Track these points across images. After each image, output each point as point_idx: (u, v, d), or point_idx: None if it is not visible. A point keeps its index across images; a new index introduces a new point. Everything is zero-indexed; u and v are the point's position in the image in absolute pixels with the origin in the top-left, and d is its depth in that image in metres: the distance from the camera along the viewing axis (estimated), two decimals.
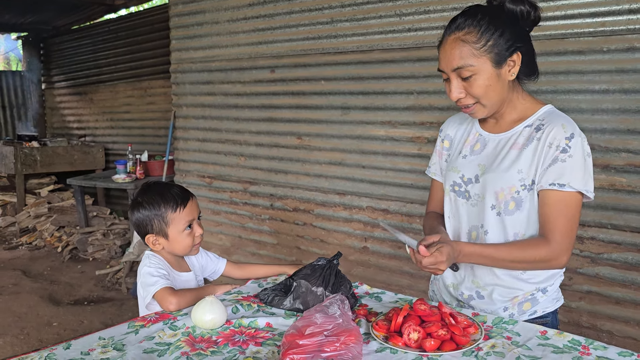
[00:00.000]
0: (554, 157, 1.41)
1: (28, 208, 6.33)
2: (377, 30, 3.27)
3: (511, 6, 1.44)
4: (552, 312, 1.57)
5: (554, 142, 1.42)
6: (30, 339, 3.67)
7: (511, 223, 1.49)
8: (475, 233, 1.56)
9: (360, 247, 3.51)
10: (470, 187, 1.56)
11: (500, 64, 1.42)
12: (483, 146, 1.57)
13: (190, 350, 1.30)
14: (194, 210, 1.72)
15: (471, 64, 1.40)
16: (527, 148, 1.46)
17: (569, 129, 1.43)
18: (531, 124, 1.49)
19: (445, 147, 1.71)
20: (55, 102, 8.27)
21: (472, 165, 1.56)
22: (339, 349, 1.22)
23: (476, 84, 1.42)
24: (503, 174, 1.47)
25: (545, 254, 1.41)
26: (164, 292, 1.57)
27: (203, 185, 4.42)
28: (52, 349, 1.30)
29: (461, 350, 1.27)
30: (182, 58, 4.48)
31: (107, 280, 4.79)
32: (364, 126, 3.42)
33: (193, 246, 1.72)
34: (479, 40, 1.40)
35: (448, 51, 1.43)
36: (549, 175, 1.41)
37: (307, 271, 1.59)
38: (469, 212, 1.57)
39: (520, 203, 1.47)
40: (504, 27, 1.41)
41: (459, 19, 1.44)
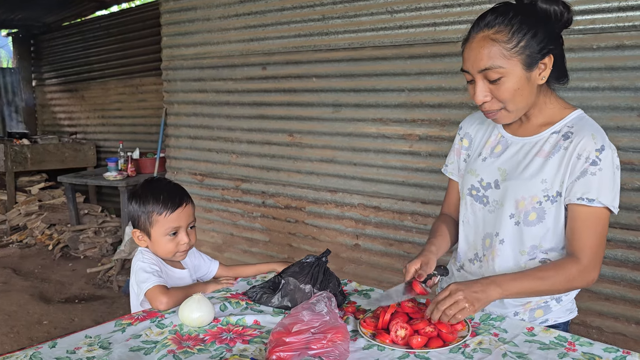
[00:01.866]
0: (583, 169, 1.34)
1: (18, 206, 6.29)
2: (368, 28, 3.27)
3: (544, 5, 1.35)
4: (564, 322, 1.51)
5: (583, 153, 1.34)
6: (20, 337, 3.65)
7: (529, 234, 1.42)
8: (489, 241, 1.49)
9: (352, 245, 3.51)
10: (489, 192, 1.48)
11: (532, 67, 1.33)
12: (504, 149, 1.48)
13: (177, 349, 1.29)
14: (183, 218, 1.65)
15: (500, 66, 1.31)
16: (554, 157, 1.38)
17: (599, 141, 1.35)
18: (559, 131, 1.40)
19: (465, 146, 1.62)
20: (46, 99, 8.21)
21: (491, 168, 1.48)
22: (326, 347, 1.22)
23: (504, 87, 1.33)
24: (526, 182, 1.39)
25: (577, 272, 1.34)
26: (155, 290, 1.55)
27: (194, 183, 4.41)
28: (38, 347, 1.29)
29: (448, 347, 1.27)
30: (173, 55, 4.45)
31: (99, 278, 4.76)
32: (355, 123, 3.41)
33: (175, 253, 1.67)
34: (511, 40, 1.30)
35: (476, 50, 1.33)
36: (577, 188, 1.34)
37: (296, 269, 1.59)
38: (485, 219, 1.50)
39: (542, 215, 1.40)
40: (537, 28, 1.31)
41: (489, 16, 1.33)
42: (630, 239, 2.53)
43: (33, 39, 8.35)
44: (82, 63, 7.28)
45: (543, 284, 1.34)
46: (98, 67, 6.98)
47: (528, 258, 1.44)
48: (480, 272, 1.51)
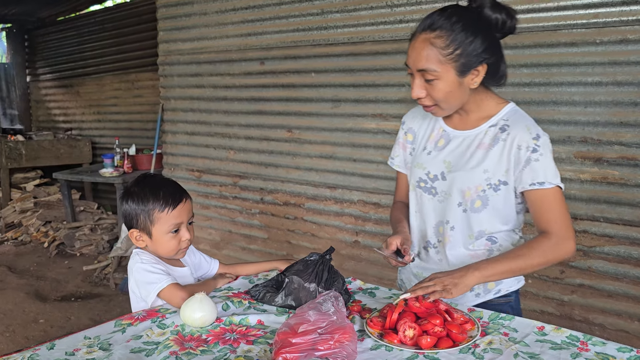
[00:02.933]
0: (527, 158, 1.46)
1: (13, 203, 6.22)
2: (368, 22, 3.23)
3: (489, 12, 1.42)
4: (515, 291, 1.63)
5: (522, 144, 1.46)
6: (16, 336, 3.60)
7: (476, 220, 1.54)
8: (442, 228, 1.60)
9: (352, 241, 3.48)
10: (437, 183, 1.58)
11: (464, 74, 1.43)
12: (447, 142, 1.59)
13: (180, 350, 1.26)
14: (184, 213, 1.60)
15: (435, 69, 1.41)
16: (494, 149, 1.50)
17: (534, 130, 1.47)
18: (495, 124, 1.52)
19: (409, 141, 1.72)
20: (40, 94, 8.13)
21: (437, 161, 1.59)
22: (333, 347, 1.19)
23: (437, 88, 1.44)
24: (470, 173, 1.51)
25: (549, 245, 1.44)
26: (172, 288, 1.51)
27: (192, 179, 4.37)
28: (36, 349, 1.25)
29: (458, 348, 1.24)
30: (169, 50, 4.40)
31: (95, 276, 4.72)
32: (354, 119, 3.38)
33: (178, 250, 1.62)
34: (448, 47, 1.39)
35: (417, 50, 1.43)
36: (527, 176, 1.46)
37: (300, 267, 1.56)
38: (436, 208, 1.60)
39: (486, 202, 1.51)
40: (475, 36, 1.40)
41: (434, 18, 1.42)
42: (634, 236, 2.51)
43: (27, 34, 8.25)
44: (77, 58, 7.20)
45: (520, 262, 1.43)
46: (93, 63, 6.90)
47: (476, 241, 1.56)
48: (437, 258, 1.63)
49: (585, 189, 2.61)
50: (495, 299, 1.60)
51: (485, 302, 1.60)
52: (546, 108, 2.67)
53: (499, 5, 1.44)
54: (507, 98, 2.80)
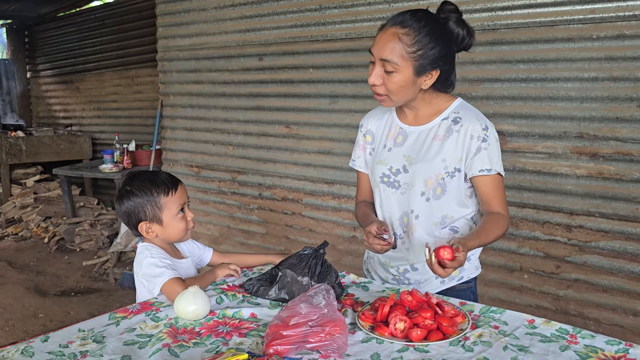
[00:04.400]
0: (477, 146, 1.60)
1: (14, 198, 6.24)
2: (366, 18, 3.23)
3: (453, 26, 1.57)
4: (474, 278, 1.77)
5: (474, 134, 1.60)
6: (15, 330, 3.63)
7: (438, 206, 1.66)
8: (407, 218, 1.70)
9: (349, 237, 3.49)
10: (399, 177, 1.69)
11: (420, 74, 1.56)
12: (405, 138, 1.70)
13: (172, 342, 1.27)
14: (183, 194, 1.71)
15: (396, 63, 1.53)
16: (449, 140, 1.63)
17: (483, 122, 1.62)
18: (447, 117, 1.65)
19: (368, 142, 1.82)
20: (40, 91, 8.14)
21: (397, 156, 1.70)
22: (324, 340, 1.20)
23: (393, 80, 1.55)
24: (430, 163, 1.63)
25: (506, 224, 1.63)
26: (171, 283, 1.53)
27: (191, 175, 4.38)
28: (30, 341, 1.27)
29: (448, 340, 1.25)
30: (169, 46, 4.41)
31: (95, 271, 4.74)
32: (352, 114, 3.38)
33: (187, 230, 1.71)
34: (413, 45, 1.52)
35: (384, 41, 1.54)
36: (477, 163, 1.60)
37: (293, 261, 1.57)
38: (400, 200, 1.70)
39: (444, 188, 1.64)
40: (437, 43, 1.53)
41: (407, 16, 1.54)
42: (629, 231, 2.52)
43: (27, 30, 8.26)
44: (77, 54, 7.21)
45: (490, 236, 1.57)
46: (93, 59, 6.91)
47: (440, 227, 1.68)
48: (404, 247, 1.71)
49: (581, 184, 2.61)
50: (459, 285, 1.73)
51: (449, 288, 1.71)
52: (542, 104, 2.67)
53: (462, 22, 1.58)
54: (504, 94, 2.81)
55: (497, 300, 2.82)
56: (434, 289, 1.68)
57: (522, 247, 2.80)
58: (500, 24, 2.74)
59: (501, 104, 2.77)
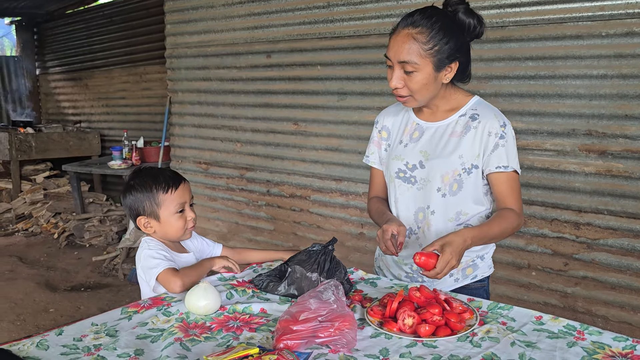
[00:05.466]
0: (495, 143, 1.61)
1: (24, 194, 6.30)
2: (374, 15, 3.23)
3: (463, 17, 1.59)
4: (487, 277, 1.78)
5: (492, 130, 1.62)
6: (26, 325, 3.67)
7: (454, 202, 1.66)
8: (422, 214, 1.71)
9: (357, 233, 3.51)
10: (416, 172, 1.70)
11: (440, 69, 1.57)
12: (421, 134, 1.71)
13: (184, 336, 1.29)
14: (185, 194, 1.70)
15: (416, 62, 1.54)
16: (466, 136, 1.64)
17: (501, 118, 1.64)
18: (465, 114, 1.67)
19: (384, 138, 1.83)
20: (49, 87, 8.20)
21: (414, 152, 1.71)
22: (333, 335, 1.21)
23: (415, 79, 1.56)
24: (447, 159, 1.64)
25: (517, 220, 1.63)
26: (166, 273, 1.56)
27: (199, 172, 4.40)
28: (44, 335, 1.29)
29: (456, 336, 1.26)
30: (177, 43, 4.43)
31: (104, 267, 4.78)
32: (360, 112, 3.39)
33: (185, 230, 1.70)
34: (428, 42, 1.53)
35: (399, 43, 1.55)
36: (494, 160, 1.62)
37: (302, 257, 1.58)
38: (415, 196, 1.71)
39: (461, 184, 1.65)
40: (451, 36, 1.55)
41: (416, 16, 1.55)
42: (638, 228, 2.51)
43: (36, 27, 8.32)
44: (85, 51, 7.25)
45: (494, 228, 1.58)
46: (102, 56, 6.95)
47: (455, 223, 1.68)
48: (418, 243, 1.72)
49: (590, 181, 2.61)
50: (472, 284, 1.73)
51: (463, 286, 1.72)
52: (551, 101, 2.67)
53: (471, 12, 1.61)
54: (512, 91, 2.81)
55: (504, 297, 2.83)
56: (448, 287, 1.68)
57: (530, 245, 2.80)
58: (508, 21, 2.74)
59: (509, 102, 2.77)
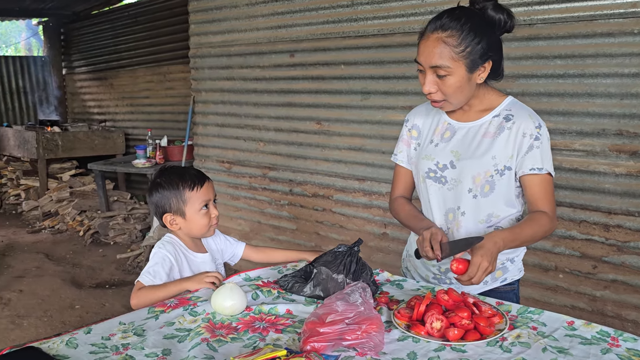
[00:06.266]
0: (530, 144, 1.58)
1: (50, 192, 6.42)
2: (398, 13, 3.21)
3: (492, 13, 1.55)
4: (517, 280, 1.75)
5: (527, 131, 1.59)
6: (53, 321, 3.73)
7: (485, 205, 1.64)
8: (452, 215, 1.68)
9: (380, 233, 3.48)
10: (446, 172, 1.67)
11: (473, 70, 1.55)
12: (453, 134, 1.69)
13: (211, 337, 1.29)
14: (210, 191, 1.75)
15: (448, 65, 1.51)
16: (500, 137, 1.61)
17: (536, 119, 1.61)
18: (499, 114, 1.64)
19: (414, 137, 1.80)
20: (75, 87, 8.33)
21: (445, 152, 1.68)
22: (360, 338, 1.20)
23: (448, 83, 1.54)
24: (479, 160, 1.61)
25: (550, 224, 1.59)
26: (138, 284, 1.64)
27: (222, 171, 4.43)
28: (74, 333, 1.30)
29: (485, 340, 1.24)
30: (201, 42, 4.46)
31: (128, 264, 4.84)
32: (384, 111, 3.37)
33: (209, 226, 1.75)
34: (459, 45, 1.50)
35: (429, 48, 1.53)
36: (528, 161, 1.59)
37: (328, 258, 1.57)
38: (445, 196, 1.68)
39: (493, 186, 1.62)
40: (482, 36, 1.52)
41: (445, 19, 1.52)
42: None
43: (63, 28, 8.46)
44: (111, 51, 7.35)
45: (525, 230, 1.55)
46: (127, 55, 7.04)
47: (486, 225, 1.65)
48: None
49: (620, 182, 2.55)
50: (502, 287, 1.71)
51: (492, 289, 1.69)
52: (580, 100, 2.62)
53: (500, 7, 1.57)
54: (540, 90, 2.76)
55: (530, 299, 2.78)
56: (476, 290, 1.65)
57: (557, 246, 2.75)
58: (536, 19, 2.69)
59: (537, 101, 2.72)
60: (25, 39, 13.10)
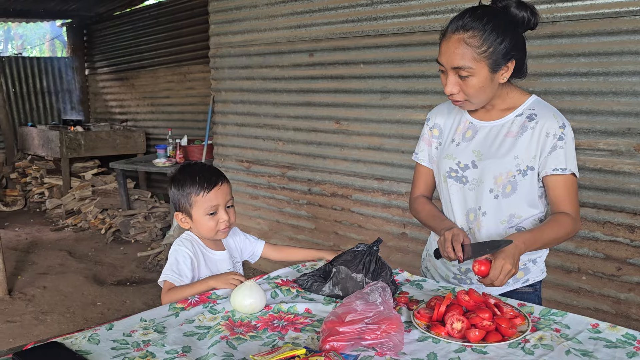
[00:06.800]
0: (553, 145, 1.55)
1: (73, 191, 6.52)
2: (418, 12, 3.19)
3: (516, 11, 1.52)
4: (540, 281, 1.73)
5: (550, 131, 1.56)
6: (75, 317, 3.79)
7: (507, 205, 1.61)
8: (473, 215, 1.66)
9: (399, 233, 3.47)
10: (467, 172, 1.65)
11: (496, 70, 1.52)
12: (474, 133, 1.66)
13: (230, 335, 1.30)
14: (220, 196, 1.69)
15: (470, 66, 1.49)
16: (522, 136, 1.58)
17: (560, 119, 1.58)
18: (521, 114, 1.61)
19: (435, 136, 1.78)
20: (98, 87, 8.45)
21: (466, 151, 1.66)
22: (380, 337, 1.19)
23: (471, 83, 1.52)
24: (501, 160, 1.59)
25: (573, 225, 1.57)
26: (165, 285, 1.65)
27: (241, 170, 4.45)
28: (96, 329, 1.32)
29: (507, 342, 1.22)
30: (220, 43, 4.48)
31: (149, 262, 4.89)
32: (403, 110, 3.35)
33: (217, 231, 1.71)
34: (481, 45, 1.48)
35: (451, 49, 1.50)
36: (551, 161, 1.56)
37: (347, 257, 1.57)
38: (466, 196, 1.66)
39: (515, 186, 1.59)
40: (505, 35, 1.49)
41: (466, 19, 1.50)
42: None
43: (86, 29, 8.59)
44: (132, 52, 7.44)
45: (547, 233, 1.53)
46: (148, 56, 7.12)
47: (507, 226, 1.63)
48: None
49: None
50: (523, 288, 1.68)
51: (513, 290, 1.67)
52: (605, 99, 2.57)
53: (523, 4, 1.53)
54: (563, 89, 2.72)
55: (553, 301, 2.74)
56: (497, 291, 1.63)
57: (580, 248, 2.71)
58: (560, 16, 2.65)
59: (560, 99, 2.68)
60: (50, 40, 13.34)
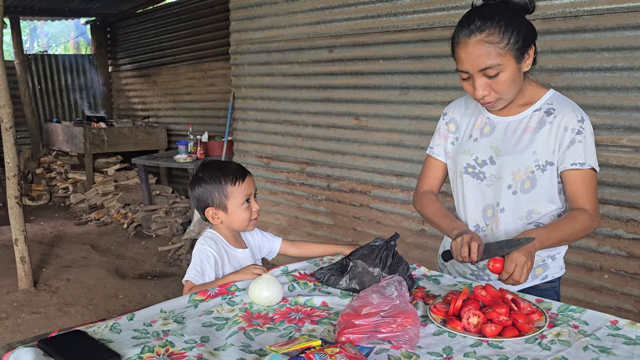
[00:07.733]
0: (571, 139, 1.54)
1: (96, 186, 6.64)
2: (438, 7, 3.17)
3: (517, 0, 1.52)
4: (558, 278, 1.71)
5: (569, 125, 1.54)
6: (98, 309, 3.86)
7: (525, 200, 1.60)
8: (491, 211, 1.65)
9: (418, 230, 3.46)
10: (485, 168, 1.64)
11: (520, 60, 1.51)
12: (492, 129, 1.65)
13: (247, 326, 1.31)
14: (251, 186, 1.75)
15: (498, 63, 1.48)
16: (541, 131, 1.57)
17: (579, 113, 1.56)
18: (539, 108, 1.60)
19: (451, 130, 1.77)
20: (120, 84, 8.57)
21: (484, 147, 1.65)
22: (396, 330, 1.20)
23: (501, 80, 1.50)
24: (519, 156, 1.58)
25: (590, 222, 1.55)
26: (188, 284, 1.66)
27: (261, 166, 4.48)
28: (117, 319, 1.35)
29: (524, 337, 1.22)
30: (241, 39, 4.51)
31: (169, 257, 4.96)
32: (423, 106, 3.34)
33: (250, 220, 1.76)
34: (502, 40, 1.47)
35: (474, 54, 1.49)
36: (570, 156, 1.54)
37: (364, 251, 1.57)
38: (484, 192, 1.65)
39: (534, 182, 1.58)
40: (516, 24, 1.49)
41: (477, 21, 1.48)
42: None
43: (109, 27, 8.72)
44: (154, 49, 7.53)
45: (562, 229, 1.52)
46: (169, 53, 7.19)
47: (526, 222, 1.62)
48: (485, 241, 1.61)
49: None
50: (542, 284, 1.67)
51: (532, 287, 1.65)
52: (629, 94, 2.53)
53: None
54: (586, 84, 2.68)
55: (573, 300, 2.71)
56: (516, 287, 1.59)
57: (602, 246, 2.67)
58: (583, 10, 2.61)
59: (583, 95, 2.64)
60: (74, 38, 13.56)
